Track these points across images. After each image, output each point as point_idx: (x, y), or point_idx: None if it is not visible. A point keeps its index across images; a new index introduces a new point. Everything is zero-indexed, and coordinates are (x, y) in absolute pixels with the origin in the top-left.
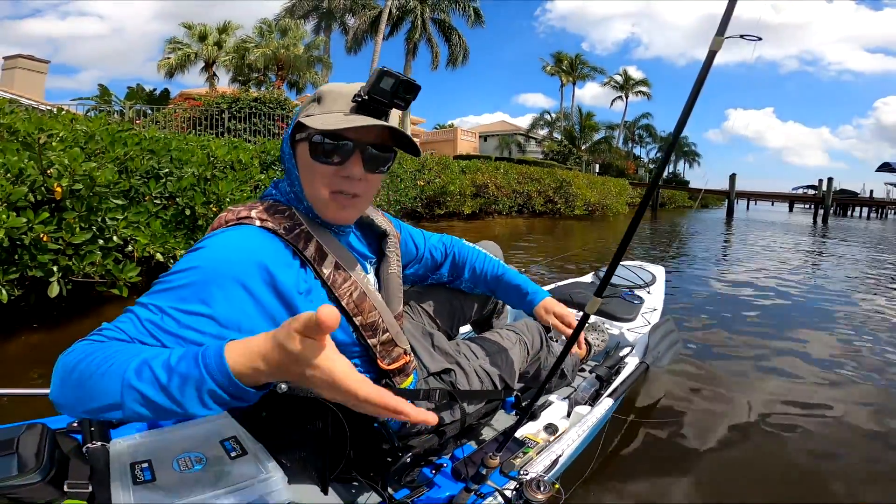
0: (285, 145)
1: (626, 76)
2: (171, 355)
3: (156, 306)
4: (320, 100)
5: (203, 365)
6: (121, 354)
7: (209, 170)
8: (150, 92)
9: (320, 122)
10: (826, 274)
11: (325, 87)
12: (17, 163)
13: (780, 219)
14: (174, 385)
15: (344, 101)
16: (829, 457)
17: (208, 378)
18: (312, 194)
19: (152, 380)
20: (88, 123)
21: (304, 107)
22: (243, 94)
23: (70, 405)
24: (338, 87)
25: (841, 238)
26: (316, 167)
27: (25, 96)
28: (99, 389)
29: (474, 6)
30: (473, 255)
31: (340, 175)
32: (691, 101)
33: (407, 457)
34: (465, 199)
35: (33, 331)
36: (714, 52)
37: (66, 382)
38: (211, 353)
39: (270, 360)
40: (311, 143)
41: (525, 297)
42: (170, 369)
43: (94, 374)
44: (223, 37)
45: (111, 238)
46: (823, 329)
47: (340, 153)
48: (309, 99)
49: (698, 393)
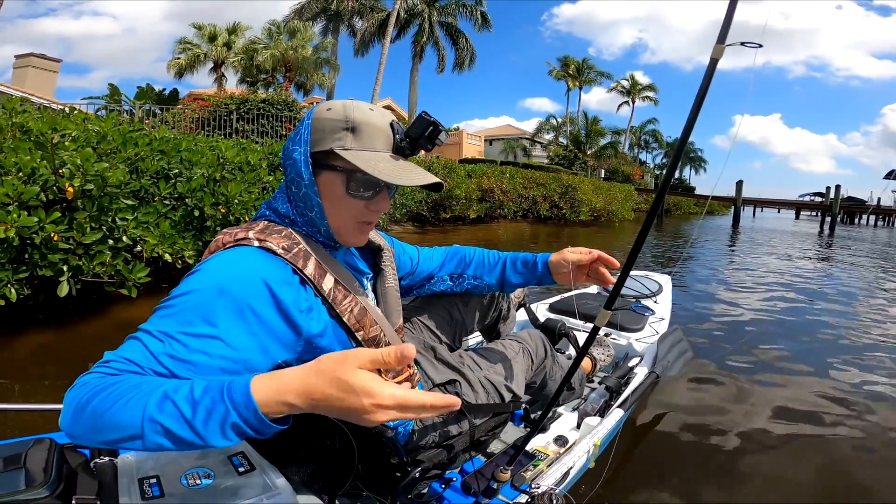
0: (303, 168)
1: (632, 81)
2: (194, 388)
3: (161, 332)
4: (355, 130)
5: (229, 399)
6: (139, 388)
7: (219, 171)
8: (160, 92)
9: (369, 164)
10: (836, 284)
11: (356, 114)
12: (29, 162)
13: (786, 227)
14: (199, 419)
15: (383, 138)
16: (844, 463)
17: (233, 412)
18: (338, 224)
19: (175, 413)
20: (101, 123)
21: (332, 132)
22: (252, 96)
23: (85, 437)
24: (372, 119)
25: (847, 248)
26: (348, 201)
27: (37, 95)
28: (118, 423)
29: (482, 10)
30: (472, 251)
31: (370, 208)
32: (696, 108)
33: (416, 471)
34: (471, 203)
35: (41, 329)
36: (716, 60)
37: (79, 415)
38: (237, 387)
39: (316, 395)
40: (349, 180)
41: (534, 261)
42: (194, 403)
43: (111, 407)
44: (232, 37)
45: (121, 238)
46: (834, 337)
47: (375, 189)
48: (336, 123)
49: (709, 402)
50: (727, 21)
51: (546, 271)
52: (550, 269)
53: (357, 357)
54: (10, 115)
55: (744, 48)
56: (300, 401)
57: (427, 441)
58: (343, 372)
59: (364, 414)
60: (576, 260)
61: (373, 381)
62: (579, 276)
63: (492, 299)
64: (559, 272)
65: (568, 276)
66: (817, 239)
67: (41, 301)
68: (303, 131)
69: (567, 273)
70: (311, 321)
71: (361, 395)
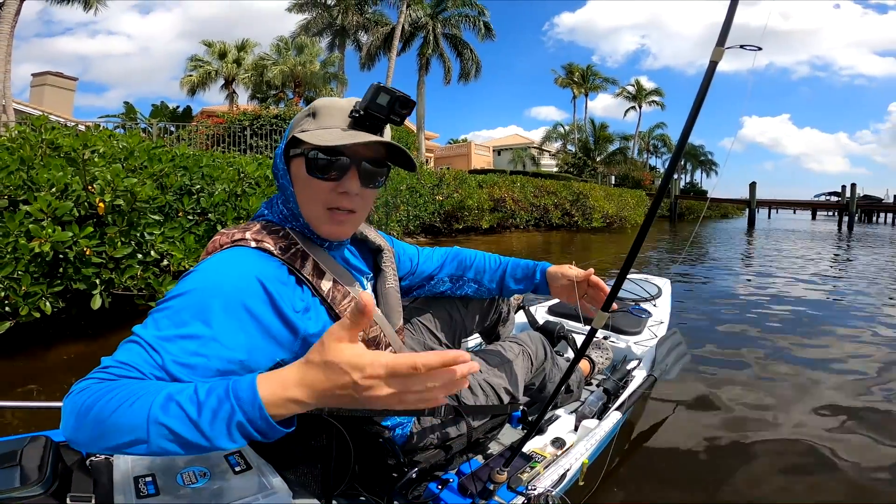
0: (279, 161)
1: (638, 86)
2: (198, 390)
3: (158, 335)
4: (315, 114)
5: (234, 397)
6: (141, 392)
7: (239, 186)
8: (174, 109)
9: (317, 137)
10: (853, 285)
11: (319, 101)
12: (62, 178)
13: (803, 227)
14: (205, 419)
15: (340, 115)
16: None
17: (239, 410)
18: (308, 210)
19: (181, 415)
20: (127, 139)
21: (298, 121)
22: (264, 112)
23: (88, 443)
24: (333, 102)
25: (869, 246)
26: (312, 183)
27: (54, 113)
28: (121, 427)
29: (484, 20)
30: (473, 254)
31: (337, 191)
32: (695, 110)
33: (413, 472)
34: (483, 213)
35: (74, 342)
36: (715, 63)
37: (81, 422)
38: (242, 385)
39: (315, 385)
40: (307, 159)
41: (533, 270)
42: (199, 404)
43: (114, 413)
44: (241, 54)
45: (149, 252)
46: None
47: (337, 169)
48: (302, 113)
49: (707, 405)
50: (726, 24)
51: (543, 281)
52: (548, 280)
53: (331, 333)
54: (40, 132)
55: (742, 51)
56: (303, 394)
57: (425, 442)
58: (326, 353)
59: (361, 392)
60: (573, 276)
61: (355, 353)
62: (573, 295)
63: (491, 301)
64: (556, 284)
65: (563, 291)
66: (836, 239)
67: (74, 314)
68: (287, 130)
69: (562, 287)
70: (308, 321)
71: (350, 370)
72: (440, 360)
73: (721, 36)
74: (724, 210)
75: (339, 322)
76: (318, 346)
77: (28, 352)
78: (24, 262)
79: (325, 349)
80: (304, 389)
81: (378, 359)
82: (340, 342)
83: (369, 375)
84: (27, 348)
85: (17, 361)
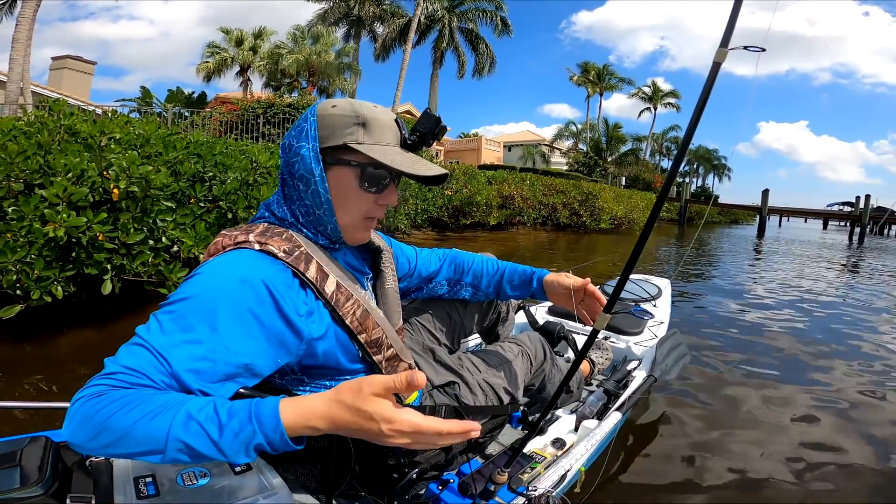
0: (314, 165)
1: (654, 87)
2: (219, 410)
3: (165, 342)
4: (366, 125)
5: (257, 422)
6: (160, 406)
7: (252, 175)
8: (189, 95)
9: (383, 155)
10: (858, 295)
11: (364, 110)
12: (78, 164)
13: (812, 237)
14: (225, 440)
15: (391, 132)
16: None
17: (260, 434)
18: (347, 219)
19: (201, 433)
20: (145, 127)
21: (343, 128)
22: (278, 100)
23: (95, 448)
24: (378, 115)
25: (876, 259)
26: (360, 194)
27: (72, 97)
28: (138, 439)
29: (502, 16)
30: (471, 257)
31: (378, 202)
32: (698, 111)
33: (413, 472)
34: (491, 209)
35: (83, 327)
36: (718, 64)
37: (93, 428)
38: (266, 411)
39: (339, 422)
40: (364, 173)
41: (530, 276)
42: (220, 426)
43: (133, 424)
44: (258, 42)
45: (160, 239)
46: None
47: (384, 183)
48: (347, 119)
49: (707, 406)
50: (730, 25)
51: (540, 288)
52: (545, 287)
53: (372, 385)
54: (59, 117)
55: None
56: (324, 425)
57: None
58: (361, 402)
59: (382, 437)
60: (569, 285)
61: (391, 408)
62: (570, 303)
63: (490, 302)
64: (553, 292)
65: (560, 299)
66: (845, 250)
67: (84, 299)
68: (308, 128)
69: (559, 295)
70: (313, 324)
71: (380, 421)
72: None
73: (724, 37)
74: (735, 216)
75: (384, 379)
76: (354, 392)
77: (36, 337)
78: (37, 247)
79: (362, 399)
80: (327, 422)
81: (409, 418)
82: (378, 397)
83: (396, 429)
84: (35, 333)
85: (25, 345)
